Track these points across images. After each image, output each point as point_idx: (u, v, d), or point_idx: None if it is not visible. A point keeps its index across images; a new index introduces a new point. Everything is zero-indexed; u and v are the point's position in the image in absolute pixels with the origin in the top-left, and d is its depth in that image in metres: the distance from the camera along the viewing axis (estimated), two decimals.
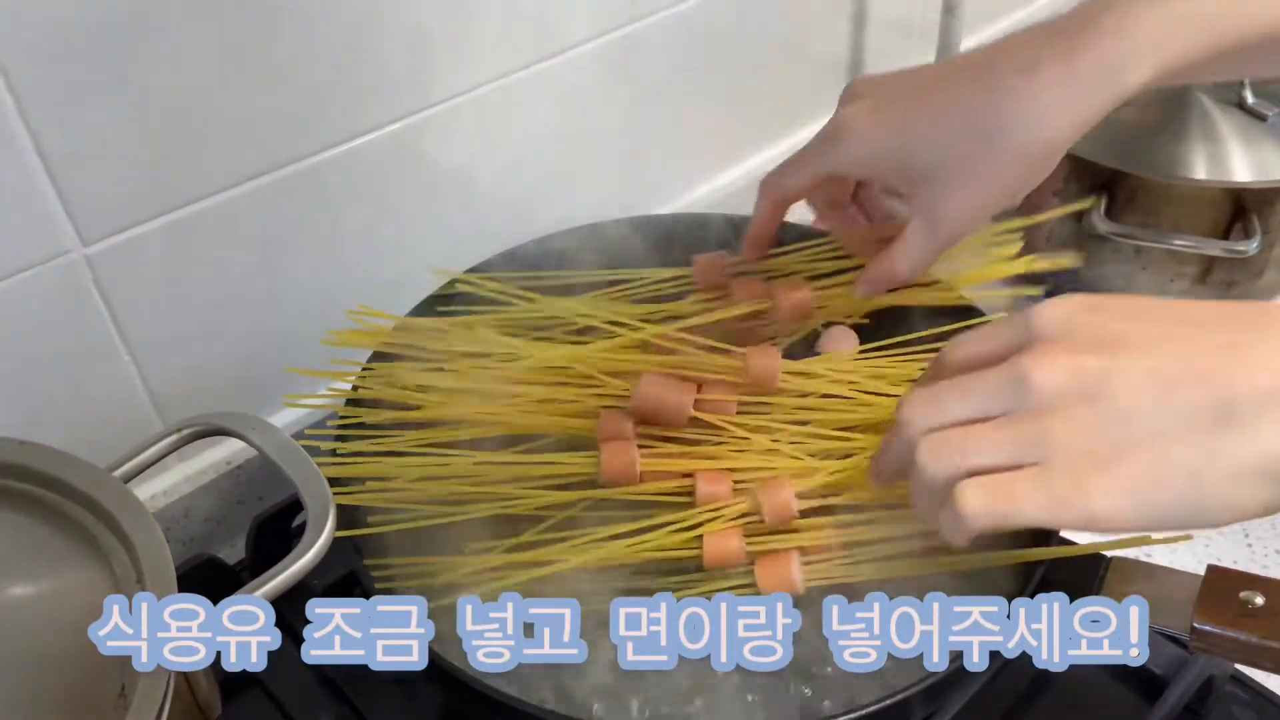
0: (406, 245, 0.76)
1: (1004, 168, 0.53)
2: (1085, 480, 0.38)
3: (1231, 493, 0.37)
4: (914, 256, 0.58)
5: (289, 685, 0.64)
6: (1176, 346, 0.39)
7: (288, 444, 0.48)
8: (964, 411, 0.42)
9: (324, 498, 0.45)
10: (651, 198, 0.93)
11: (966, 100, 0.53)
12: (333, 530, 0.45)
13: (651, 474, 0.58)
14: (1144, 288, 0.87)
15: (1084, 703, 0.62)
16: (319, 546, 0.43)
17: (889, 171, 0.58)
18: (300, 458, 0.47)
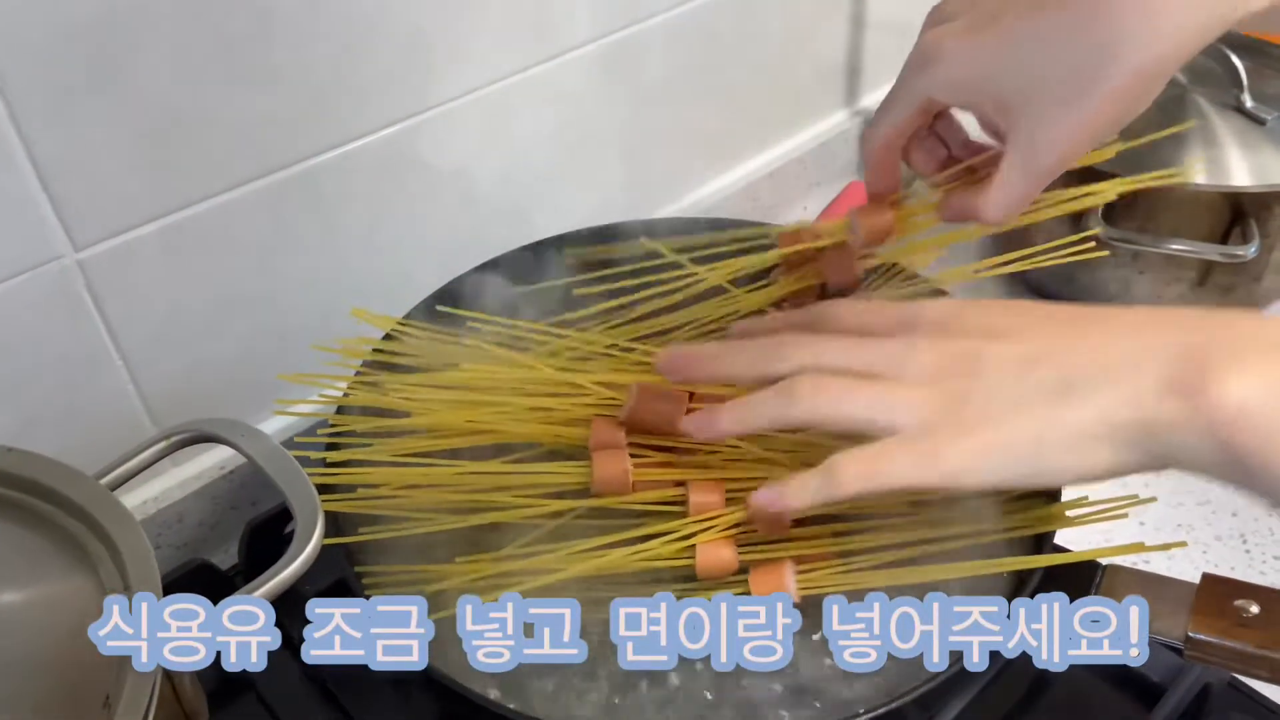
0: (404, 249, 0.76)
1: (1120, 85, 0.48)
2: (945, 443, 0.43)
3: (1068, 455, 0.42)
4: (1011, 194, 0.53)
5: (282, 690, 0.63)
6: (1041, 336, 0.44)
7: (276, 451, 0.48)
8: (847, 362, 0.47)
9: (312, 505, 0.45)
10: (651, 200, 0.93)
11: (1076, 12, 0.48)
12: (321, 538, 0.44)
13: (644, 484, 0.57)
14: (1142, 292, 0.86)
15: (1081, 709, 0.62)
16: (307, 554, 0.43)
17: (987, 97, 0.52)
18: (288, 465, 0.47)
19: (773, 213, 1.00)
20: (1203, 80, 0.89)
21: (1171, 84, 0.88)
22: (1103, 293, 0.88)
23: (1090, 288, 0.88)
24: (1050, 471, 0.42)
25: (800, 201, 1.04)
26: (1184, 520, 0.75)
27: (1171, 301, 0.86)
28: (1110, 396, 0.40)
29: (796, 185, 1.03)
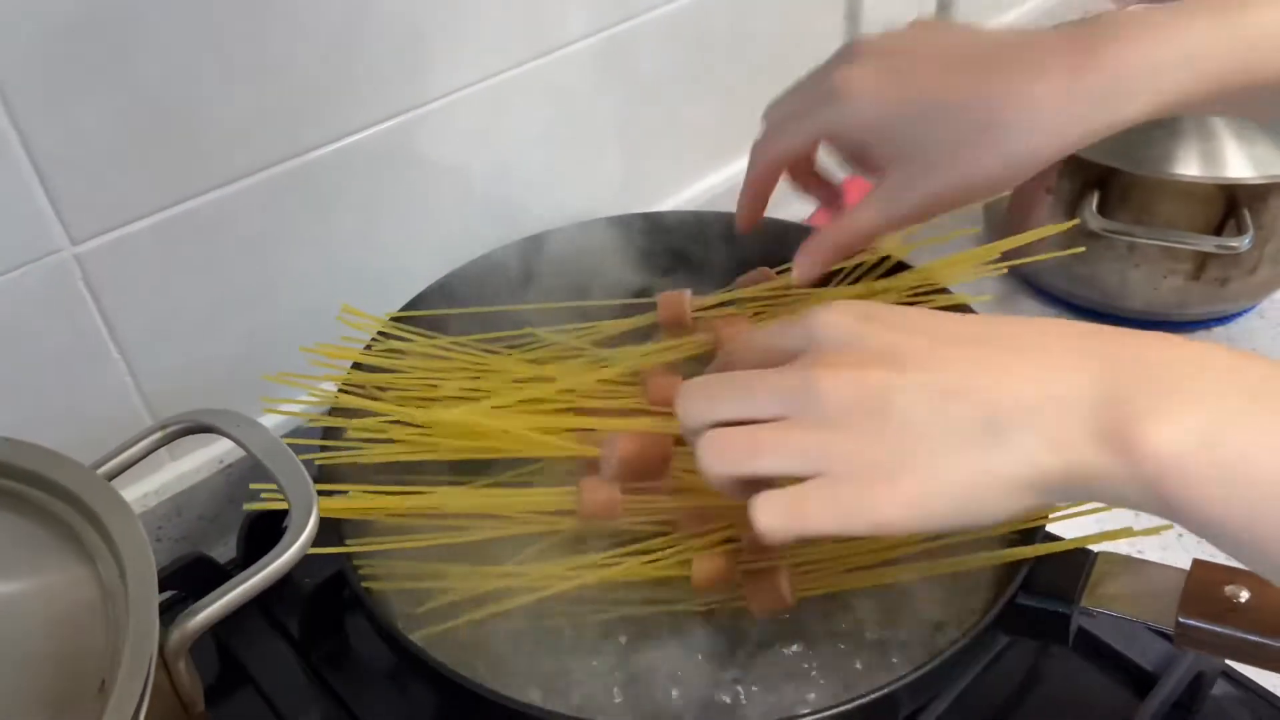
0: (399, 244, 0.76)
1: (987, 166, 0.53)
2: (870, 492, 0.41)
3: (1001, 502, 0.40)
4: (870, 219, 0.57)
5: (280, 683, 0.64)
6: (951, 364, 0.41)
7: (273, 442, 0.48)
8: (745, 410, 0.44)
9: (307, 496, 0.45)
10: (646, 196, 0.93)
11: (968, 91, 0.52)
12: (314, 530, 0.45)
13: (633, 511, 0.56)
14: (1137, 284, 0.87)
15: (1073, 699, 0.62)
16: (299, 546, 0.43)
17: (879, 142, 0.56)
18: (285, 455, 0.47)
19: (770, 208, 0.99)
20: None
21: None
22: (1098, 286, 0.88)
23: (1086, 280, 0.89)
24: (980, 517, 0.41)
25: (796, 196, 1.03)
26: None
27: (1167, 295, 0.87)
28: (1037, 443, 0.39)
29: None
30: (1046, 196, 0.87)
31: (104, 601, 0.40)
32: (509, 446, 0.59)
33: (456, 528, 0.57)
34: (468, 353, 0.65)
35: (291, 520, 0.45)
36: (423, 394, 0.63)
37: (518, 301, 0.71)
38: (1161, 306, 0.88)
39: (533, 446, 0.59)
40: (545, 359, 0.67)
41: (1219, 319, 0.91)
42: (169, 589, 0.67)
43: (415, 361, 0.65)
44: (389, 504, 0.57)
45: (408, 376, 0.64)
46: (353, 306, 0.65)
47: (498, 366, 0.64)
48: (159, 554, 0.70)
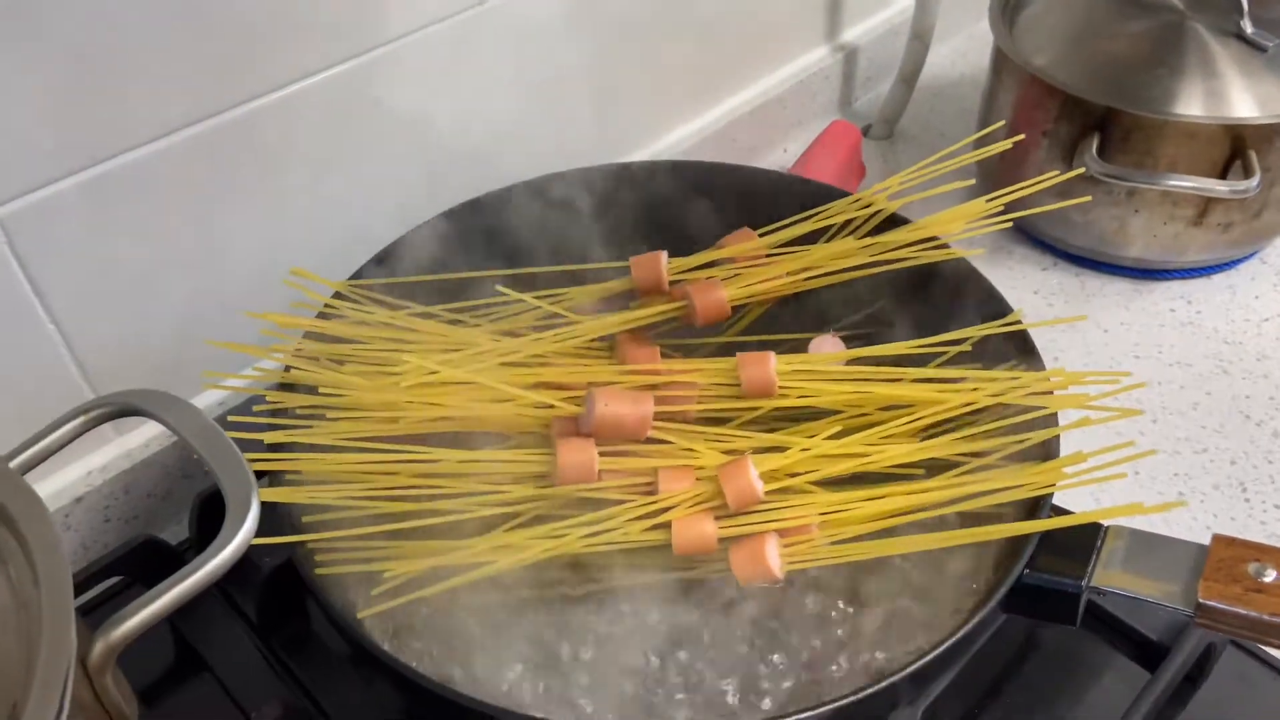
0: (355, 201, 0.71)
1: None
2: None
3: None
4: None
5: (238, 670, 0.61)
6: None
7: (207, 426, 0.43)
8: None
9: (245, 486, 0.41)
10: (623, 144, 0.88)
11: None
12: (254, 525, 0.40)
13: (611, 473, 0.54)
14: (1135, 231, 0.83)
15: (1081, 674, 0.59)
16: (235, 545, 0.39)
17: None
18: (221, 442, 0.42)
19: (752, 155, 0.97)
20: (1200, 6, 0.84)
21: (1168, 10, 0.84)
22: (1095, 233, 0.85)
23: (1082, 228, 0.85)
24: None
25: (780, 143, 1.00)
26: (1180, 469, 0.73)
27: (1167, 242, 0.83)
28: None
29: (776, 126, 0.99)
30: (1043, 140, 0.83)
31: (16, 611, 0.36)
32: (476, 415, 0.56)
33: (422, 509, 0.54)
34: (431, 321, 0.62)
35: (228, 515, 0.41)
36: (384, 366, 0.59)
37: (483, 261, 0.67)
38: (1160, 253, 0.85)
39: (502, 412, 0.56)
40: (516, 327, 0.63)
41: (1219, 265, 0.87)
42: (115, 574, 0.63)
43: (376, 331, 0.60)
44: (345, 487, 0.54)
45: (367, 348, 0.60)
46: (303, 269, 0.60)
47: (464, 337, 0.60)
48: (107, 535, 0.68)
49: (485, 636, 0.55)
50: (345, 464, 0.54)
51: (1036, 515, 0.51)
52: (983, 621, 0.47)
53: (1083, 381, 0.55)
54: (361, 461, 0.54)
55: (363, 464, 0.54)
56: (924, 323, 0.62)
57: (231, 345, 0.58)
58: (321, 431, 0.55)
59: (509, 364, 0.58)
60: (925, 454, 0.55)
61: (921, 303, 0.64)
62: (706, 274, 0.63)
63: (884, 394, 0.57)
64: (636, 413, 0.54)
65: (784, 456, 0.54)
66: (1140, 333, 0.83)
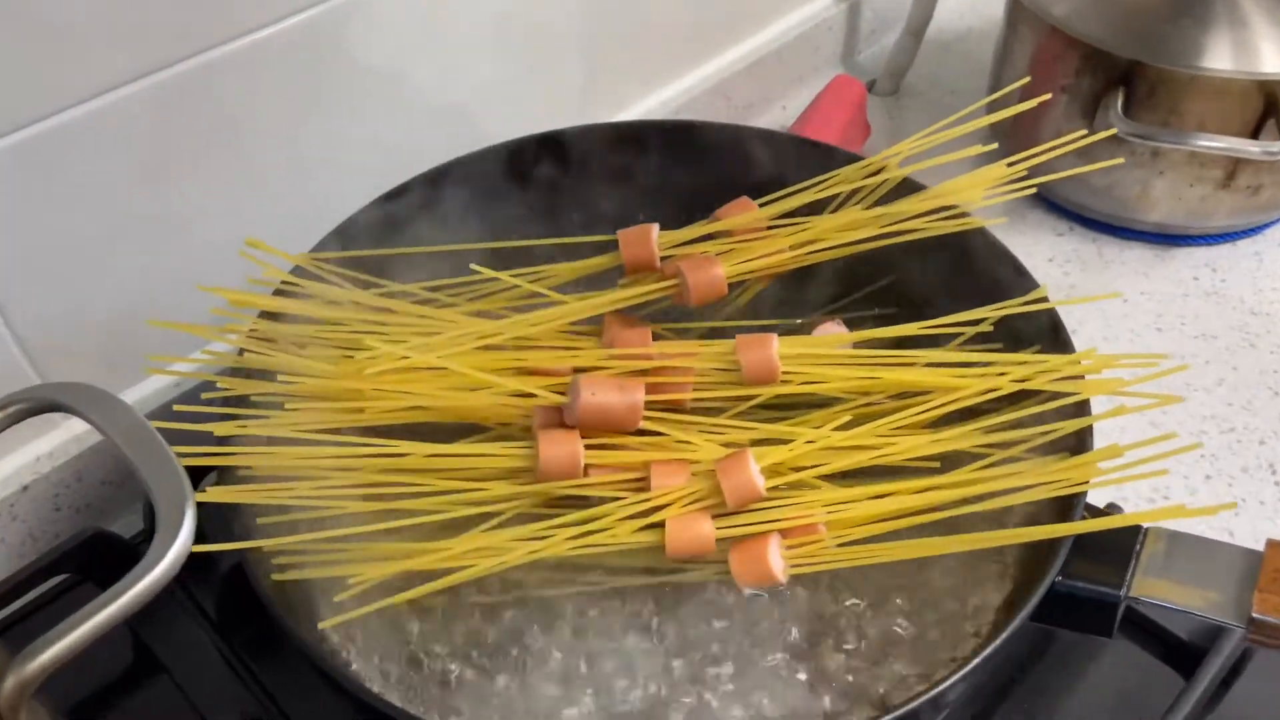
0: (323, 167, 0.66)
1: None
2: None
3: None
4: None
5: (197, 674, 0.58)
6: None
7: (137, 425, 0.38)
8: None
9: (178, 496, 0.36)
10: (613, 101, 0.84)
11: None
12: (188, 542, 0.35)
13: (598, 468, 0.51)
14: (1159, 194, 0.79)
15: (1101, 676, 0.55)
16: (166, 565, 0.34)
17: None
18: (151, 443, 0.38)
19: (748, 113, 0.93)
20: None
21: None
22: (1116, 197, 0.81)
23: (1104, 192, 0.81)
24: None
25: (778, 100, 0.95)
26: (1206, 450, 0.69)
27: (1192, 205, 0.79)
28: None
29: (774, 81, 0.94)
30: (1062, 96, 0.78)
31: None
32: (450, 405, 0.52)
33: (390, 509, 0.50)
34: (401, 301, 0.57)
35: (158, 530, 0.36)
36: (350, 350, 0.55)
37: (458, 233, 0.63)
38: (1184, 218, 0.81)
39: (479, 402, 0.52)
40: (493, 308, 0.59)
41: (1246, 231, 0.84)
42: (63, 571, 0.60)
43: (342, 312, 0.56)
44: (302, 485, 0.50)
45: (331, 329, 0.56)
46: (259, 240, 0.56)
47: (438, 319, 0.56)
48: (58, 525, 0.64)
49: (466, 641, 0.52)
50: (304, 459, 0.50)
51: (1069, 515, 0.47)
52: (1011, 635, 0.43)
53: (1117, 364, 0.51)
54: (322, 456, 0.50)
55: (324, 459, 0.51)
56: (940, 301, 0.59)
57: (178, 325, 0.53)
58: (278, 422, 0.51)
59: (486, 348, 0.54)
60: (943, 446, 0.51)
61: (937, 279, 0.60)
62: (701, 248, 0.59)
63: (897, 380, 0.53)
64: (626, 401, 0.51)
65: (788, 449, 0.51)
66: (1162, 303, 0.79)
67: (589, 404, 0.50)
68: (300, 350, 0.54)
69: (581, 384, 0.50)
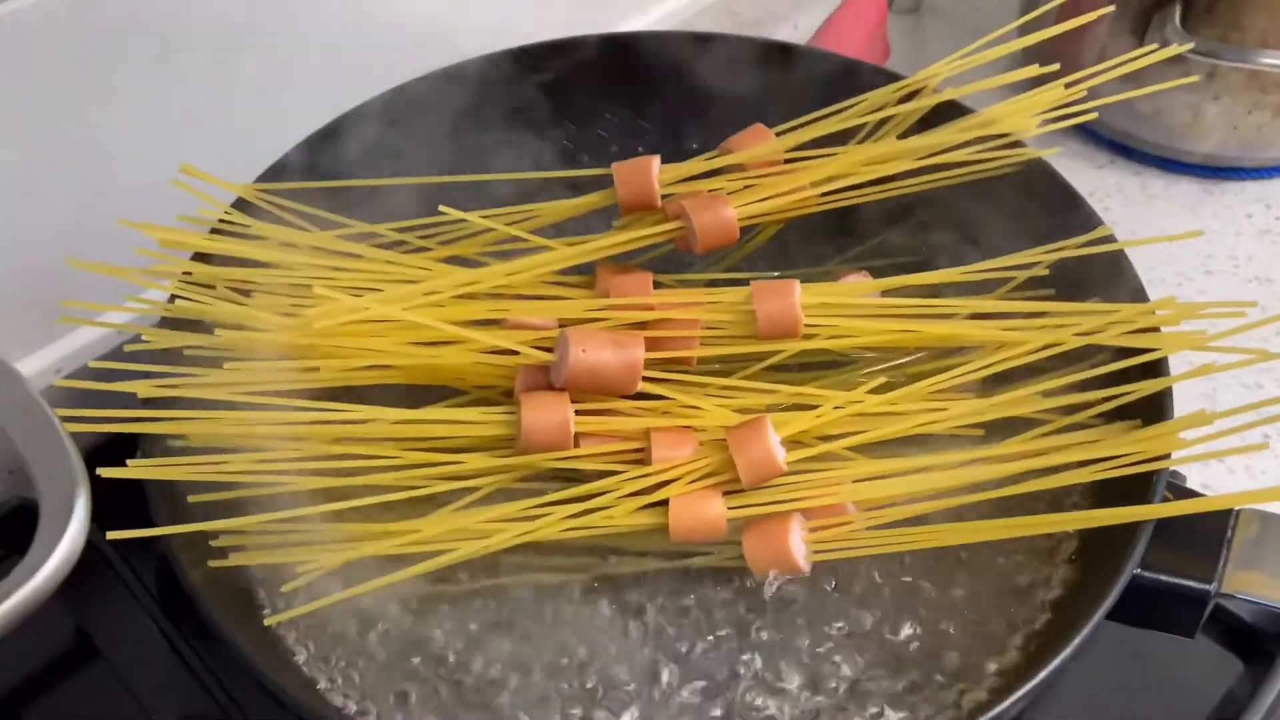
0: (275, 85, 0.60)
1: None
2: None
3: None
4: None
5: (140, 662, 0.53)
6: None
7: (25, 398, 0.32)
8: None
9: (68, 483, 0.29)
10: (611, 8, 0.79)
11: None
12: (77, 542, 0.29)
13: (590, 437, 0.46)
14: (1212, 122, 0.73)
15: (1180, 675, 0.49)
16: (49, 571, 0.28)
17: None
18: (40, 419, 0.31)
19: (755, 31, 0.86)
20: None
21: None
22: (1163, 125, 0.75)
23: (1150, 119, 0.75)
24: None
25: (790, 17, 0.89)
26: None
27: (1248, 135, 0.73)
28: None
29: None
30: (1108, 9, 0.71)
31: None
32: (420, 364, 0.47)
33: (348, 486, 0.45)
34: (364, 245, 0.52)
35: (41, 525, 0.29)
36: (304, 299, 0.49)
37: (430, 162, 0.59)
38: (1238, 149, 0.75)
39: (453, 360, 0.47)
40: (470, 253, 0.54)
41: None
42: None
43: (297, 256, 0.50)
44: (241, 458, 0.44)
45: (282, 274, 0.50)
46: (196, 168, 0.50)
47: (405, 262, 0.51)
48: None
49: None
50: (246, 426, 0.45)
51: (1146, 495, 0.42)
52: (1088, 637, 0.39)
53: (1201, 314, 0.45)
54: (268, 423, 0.45)
55: (270, 426, 0.45)
56: (982, 242, 0.54)
57: (96, 266, 0.47)
58: (216, 383, 0.45)
59: (462, 298, 0.48)
60: (1000, 412, 0.45)
61: (979, 217, 0.55)
62: (709, 185, 0.53)
63: (938, 333, 0.47)
64: (622, 359, 0.46)
65: (813, 416, 0.45)
66: (1212, 242, 0.73)
67: (579, 362, 0.45)
68: (243, 298, 0.48)
69: (571, 339, 0.45)
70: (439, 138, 0.60)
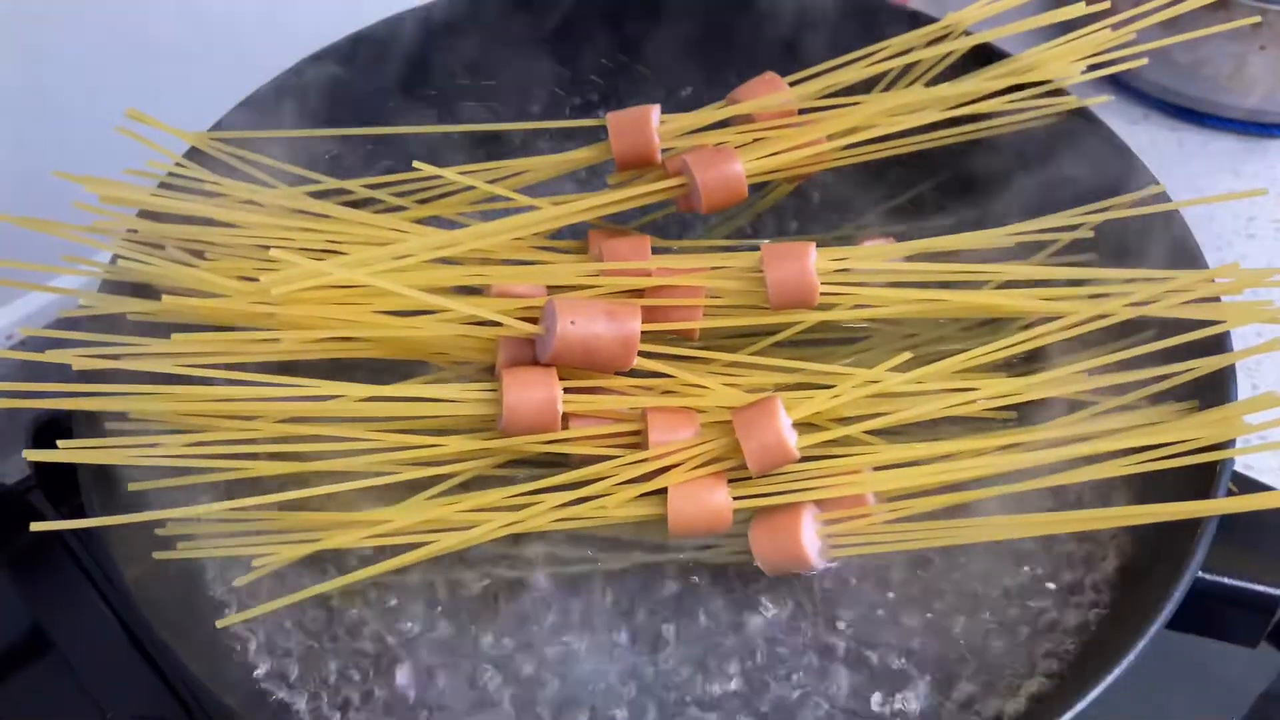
0: (243, 18, 0.57)
1: None
2: None
3: None
4: None
5: (95, 653, 0.51)
6: None
7: None
8: None
9: None
10: None
11: None
12: None
13: (580, 418, 0.42)
14: (1257, 74, 0.69)
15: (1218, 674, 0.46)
16: None
17: None
18: None
19: None
20: None
21: None
22: (1204, 78, 0.71)
23: (1189, 71, 0.71)
24: None
25: None
26: None
27: None
28: None
29: None
30: None
31: None
32: (392, 335, 0.42)
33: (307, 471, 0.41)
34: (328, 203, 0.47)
35: None
36: (265, 262, 0.44)
37: (407, 110, 0.55)
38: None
39: (428, 332, 0.42)
40: (448, 212, 0.50)
41: None
42: None
43: (258, 215, 0.46)
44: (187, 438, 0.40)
45: (239, 234, 0.45)
46: (142, 114, 0.45)
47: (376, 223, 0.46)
48: None
49: None
50: (194, 402, 0.40)
51: (1212, 487, 0.37)
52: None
53: (1268, 282, 0.41)
54: (219, 398, 0.40)
55: (222, 402, 0.40)
56: (1024, 203, 0.49)
57: (29, 221, 0.43)
58: (161, 353, 0.40)
59: (438, 263, 0.44)
60: (1041, 392, 0.41)
61: (1018, 175, 0.50)
62: (715, 139, 0.49)
63: (973, 303, 0.43)
64: (616, 332, 0.41)
65: (828, 396, 0.41)
66: (1255, 204, 0.69)
67: (568, 335, 0.41)
68: (196, 260, 0.44)
69: (559, 309, 0.41)
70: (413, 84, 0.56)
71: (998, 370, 0.44)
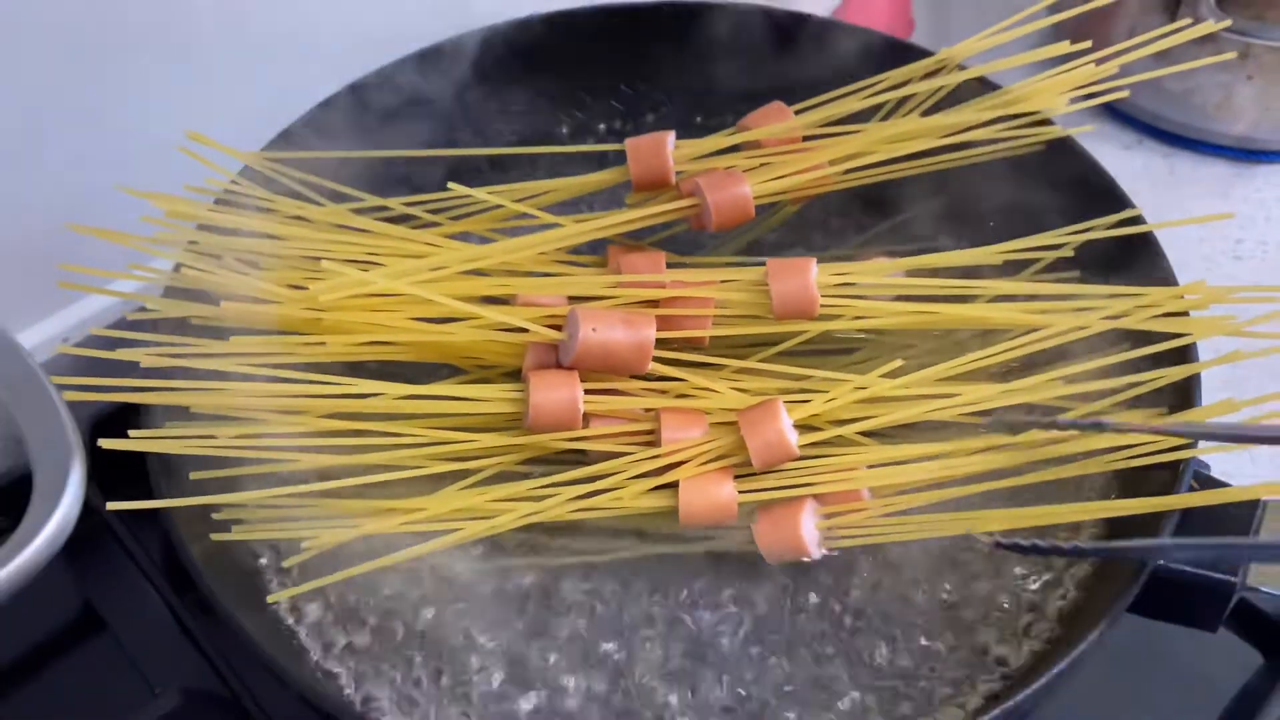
0: (287, 49, 0.58)
1: None
2: None
3: None
4: None
5: (146, 635, 0.52)
6: None
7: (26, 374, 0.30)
8: None
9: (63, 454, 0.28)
10: None
11: None
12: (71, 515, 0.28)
13: (599, 417, 0.45)
14: (1244, 103, 0.72)
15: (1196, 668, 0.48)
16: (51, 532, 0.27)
17: None
18: (39, 393, 0.30)
19: None
20: None
21: None
22: (1194, 106, 0.73)
23: (1180, 99, 0.73)
24: None
25: None
26: None
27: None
28: None
29: None
30: None
31: None
32: (427, 340, 0.46)
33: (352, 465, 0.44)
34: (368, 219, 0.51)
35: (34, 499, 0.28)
36: (313, 272, 0.47)
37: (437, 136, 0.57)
38: (1270, 130, 0.73)
39: (461, 338, 0.45)
40: (479, 229, 0.53)
41: None
42: None
43: (305, 229, 0.49)
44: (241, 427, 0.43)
45: (292, 246, 0.48)
46: (202, 135, 0.48)
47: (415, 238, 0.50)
48: None
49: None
50: (250, 398, 0.44)
51: (1172, 485, 0.40)
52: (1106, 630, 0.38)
53: (1232, 299, 0.44)
54: (274, 394, 0.44)
55: (276, 398, 0.44)
56: (1010, 224, 0.52)
57: (100, 231, 0.46)
58: (221, 354, 0.44)
59: (470, 274, 0.47)
60: (1018, 397, 0.44)
61: (1007, 198, 0.53)
62: (725, 163, 0.51)
63: (961, 316, 0.46)
64: (633, 339, 0.44)
65: (826, 399, 0.44)
66: (1242, 227, 0.72)
67: (589, 341, 0.44)
68: (251, 270, 0.47)
69: (581, 317, 0.44)
70: (447, 111, 0.59)
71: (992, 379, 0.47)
